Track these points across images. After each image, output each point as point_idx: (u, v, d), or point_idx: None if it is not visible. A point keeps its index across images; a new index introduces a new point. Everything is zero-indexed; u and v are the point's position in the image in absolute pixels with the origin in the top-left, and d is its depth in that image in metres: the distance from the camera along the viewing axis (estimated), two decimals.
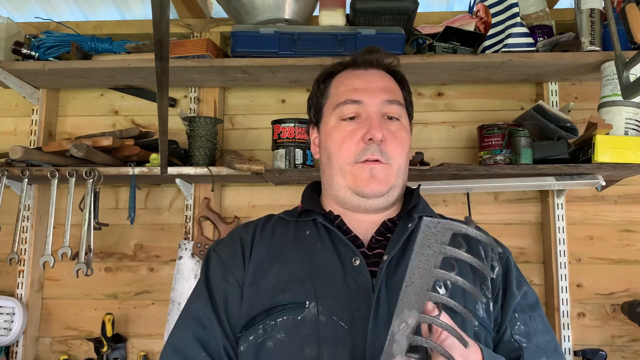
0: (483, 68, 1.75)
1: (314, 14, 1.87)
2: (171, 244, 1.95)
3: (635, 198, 1.89)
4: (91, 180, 1.69)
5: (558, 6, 1.97)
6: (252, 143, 1.99)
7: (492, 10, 1.75)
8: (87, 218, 1.69)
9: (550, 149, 1.64)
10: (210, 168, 1.72)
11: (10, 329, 1.82)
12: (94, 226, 1.72)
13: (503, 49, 1.69)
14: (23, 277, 1.91)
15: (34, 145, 1.94)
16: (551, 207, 1.83)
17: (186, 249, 1.87)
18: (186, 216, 1.92)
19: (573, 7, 1.76)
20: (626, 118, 1.58)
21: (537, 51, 1.69)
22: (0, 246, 1.94)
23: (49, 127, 2.00)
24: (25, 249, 1.92)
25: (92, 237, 1.70)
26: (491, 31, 1.74)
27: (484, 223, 1.81)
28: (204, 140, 1.78)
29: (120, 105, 2.05)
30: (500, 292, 0.95)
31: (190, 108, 1.96)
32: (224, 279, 0.95)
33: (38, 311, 1.95)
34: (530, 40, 1.69)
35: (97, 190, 1.75)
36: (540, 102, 1.65)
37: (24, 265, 1.91)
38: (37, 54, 1.85)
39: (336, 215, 0.99)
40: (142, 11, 2.15)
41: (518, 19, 1.69)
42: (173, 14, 1.98)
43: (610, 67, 1.61)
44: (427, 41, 1.75)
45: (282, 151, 1.71)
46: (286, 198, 1.95)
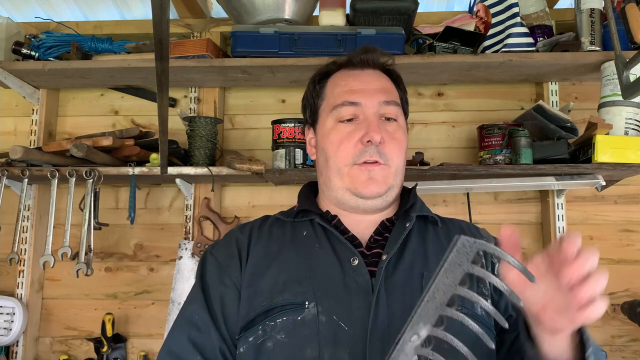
0: (483, 68, 1.75)
1: (314, 14, 1.87)
2: (171, 244, 1.95)
3: (635, 198, 1.88)
4: (91, 180, 1.69)
5: (558, 6, 1.96)
6: (252, 143, 1.99)
7: (492, 10, 1.75)
8: (87, 218, 1.69)
9: (550, 149, 1.64)
10: (210, 168, 1.72)
11: (10, 329, 1.82)
12: (94, 226, 1.72)
13: (503, 49, 1.69)
14: (23, 277, 1.91)
15: (34, 145, 1.94)
16: (551, 207, 1.83)
17: (186, 249, 1.87)
18: (186, 216, 1.92)
19: (573, 7, 1.76)
20: (626, 118, 1.58)
21: (537, 51, 1.69)
22: (0, 246, 1.94)
23: (49, 127, 2.00)
24: (25, 249, 1.92)
25: (92, 237, 1.70)
26: (491, 31, 1.74)
27: (484, 223, 1.81)
28: (204, 140, 1.78)
29: (120, 105, 2.05)
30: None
31: (190, 108, 1.96)
32: (221, 281, 0.94)
33: (38, 311, 1.95)
34: (530, 40, 1.69)
35: (97, 190, 1.75)
36: (540, 102, 1.65)
37: (24, 265, 1.91)
38: (37, 54, 1.85)
39: (333, 215, 0.99)
40: (142, 11, 2.15)
41: (518, 19, 1.69)
42: (173, 14, 1.98)
43: (610, 67, 1.61)
44: (427, 41, 1.75)
45: (282, 151, 1.71)
46: (286, 198, 1.95)
